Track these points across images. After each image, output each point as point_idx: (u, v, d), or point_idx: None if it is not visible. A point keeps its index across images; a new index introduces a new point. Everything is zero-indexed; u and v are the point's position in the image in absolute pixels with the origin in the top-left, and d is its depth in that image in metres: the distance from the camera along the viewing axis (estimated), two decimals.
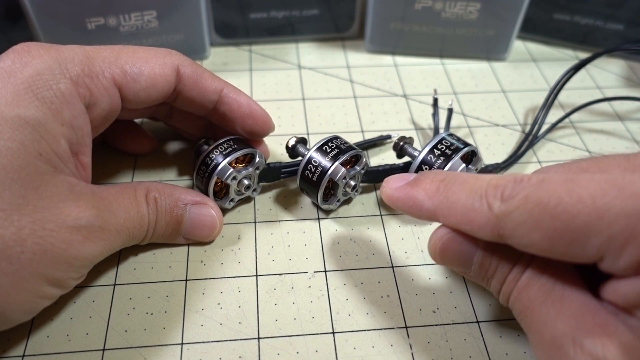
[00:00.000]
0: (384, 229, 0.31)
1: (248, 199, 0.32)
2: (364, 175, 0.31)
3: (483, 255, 0.22)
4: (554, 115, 0.38)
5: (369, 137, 0.36)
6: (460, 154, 0.29)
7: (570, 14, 0.43)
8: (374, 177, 0.32)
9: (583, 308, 0.19)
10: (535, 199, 0.19)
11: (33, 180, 0.22)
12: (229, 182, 0.29)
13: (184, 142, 0.36)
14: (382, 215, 0.32)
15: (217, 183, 0.30)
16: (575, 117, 0.39)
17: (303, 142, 0.31)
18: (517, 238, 0.19)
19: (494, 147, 0.37)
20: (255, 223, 0.31)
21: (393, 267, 0.29)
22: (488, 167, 0.34)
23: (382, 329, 0.26)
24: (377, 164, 0.33)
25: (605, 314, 0.19)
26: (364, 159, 0.30)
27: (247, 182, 0.30)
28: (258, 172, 0.30)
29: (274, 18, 0.43)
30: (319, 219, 0.31)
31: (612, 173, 0.20)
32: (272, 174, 0.31)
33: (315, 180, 0.29)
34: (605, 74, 0.43)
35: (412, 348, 0.26)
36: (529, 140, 0.36)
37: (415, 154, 0.30)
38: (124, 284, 0.28)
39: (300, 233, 0.30)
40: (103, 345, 0.25)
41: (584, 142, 0.37)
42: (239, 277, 0.28)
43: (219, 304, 0.27)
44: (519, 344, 0.26)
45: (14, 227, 0.21)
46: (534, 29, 0.45)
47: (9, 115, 0.21)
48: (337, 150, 0.29)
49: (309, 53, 0.44)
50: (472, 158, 0.31)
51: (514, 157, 0.35)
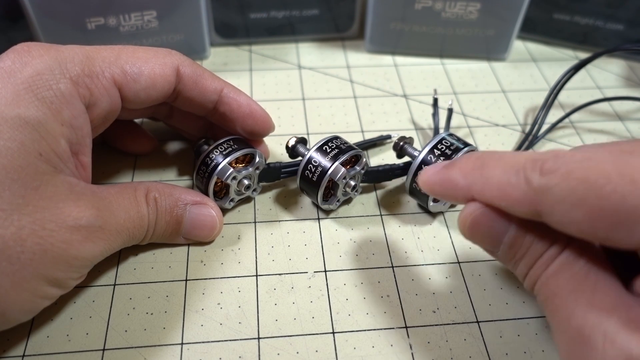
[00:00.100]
0: (384, 229, 0.31)
1: (248, 199, 0.32)
2: (364, 175, 0.31)
3: (514, 236, 0.21)
4: (554, 115, 0.38)
5: (369, 137, 0.36)
6: (460, 154, 0.29)
7: (570, 14, 0.43)
8: (374, 177, 0.32)
9: (617, 301, 0.18)
10: (581, 176, 0.18)
11: (33, 180, 0.22)
12: (229, 182, 0.29)
13: (184, 142, 0.36)
14: (382, 215, 0.32)
15: (217, 183, 0.30)
16: (575, 117, 0.39)
17: (303, 142, 0.31)
18: (556, 215, 0.18)
19: (494, 147, 0.37)
20: (255, 223, 0.31)
21: (393, 267, 0.29)
22: None
23: (382, 329, 0.26)
24: (377, 164, 0.33)
25: None
26: (364, 159, 0.30)
27: (247, 182, 0.30)
28: (258, 172, 0.30)
29: (274, 18, 0.43)
30: (319, 219, 0.31)
31: None
32: (272, 174, 0.31)
33: (315, 180, 0.29)
34: (605, 74, 0.43)
35: (412, 348, 0.26)
36: (529, 140, 0.36)
37: (415, 154, 0.30)
38: (124, 284, 0.28)
39: (300, 233, 0.30)
40: (103, 345, 0.25)
41: (584, 142, 0.37)
42: (239, 277, 0.28)
43: (219, 304, 0.27)
44: (519, 344, 0.26)
45: (14, 227, 0.21)
46: (534, 29, 0.45)
47: (9, 115, 0.21)
48: (337, 150, 0.29)
49: (309, 53, 0.44)
50: None
51: None
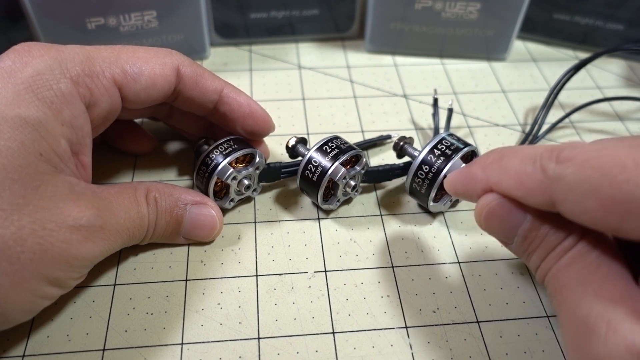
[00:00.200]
0: (384, 229, 0.31)
1: (248, 199, 0.32)
2: (364, 175, 0.31)
3: (529, 227, 0.21)
4: (554, 115, 0.38)
5: (369, 137, 0.36)
6: (461, 154, 0.29)
7: (570, 14, 0.43)
8: (374, 177, 0.32)
9: (624, 292, 0.18)
10: (595, 164, 0.18)
11: (33, 180, 0.22)
12: (229, 182, 0.29)
13: (184, 142, 0.36)
14: (382, 215, 0.32)
15: (217, 183, 0.30)
16: (575, 117, 0.39)
17: (303, 142, 0.31)
18: (569, 204, 0.18)
19: (494, 147, 0.36)
20: (255, 223, 0.31)
21: (393, 267, 0.29)
22: None
23: (382, 329, 0.26)
24: (377, 164, 0.33)
25: None
26: (364, 159, 0.30)
27: (247, 182, 0.30)
28: (258, 172, 0.30)
29: (274, 18, 0.43)
30: (319, 219, 0.31)
31: None
32: (272, 174, 0.31)
33: (315, 180, 0.29)
34: (605, 74, 0.43)
35: (412, 348, 0.26)
36: (529, 140, 0.36)
37: (415, 154, 0.30)
38: (124, 284, 0.28)
39: (300, 233, 0.30)
40: (103, 345, 0.25)
41: (586, 141, 0.37)
42: (239, 277, 0.28)
43: (219, 304, 0.27)
44: (519, 344, 0.26)
45: (14, 227, 0.21)
46: (534, 29, 0.45)
47: (9, 115, 0.21)
48: (337, 150, 0.29)
49: (309, 53, 0.44)
50: (472, 158, 0.31)
51: None
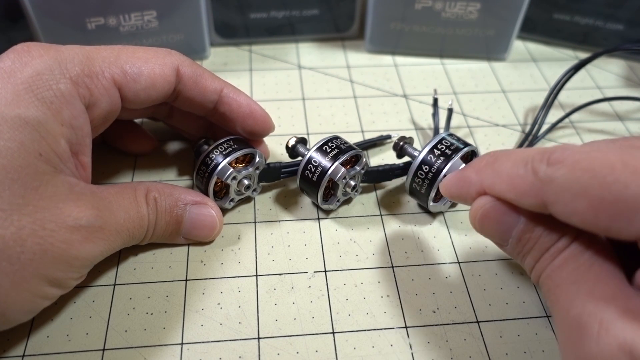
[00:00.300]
0: (384, 229, 0.31)
1: (248, 199, 0.32)
2: (364, 175, 0.31)
3: (523, 229, 0.21)
4: (554, 115, 0.38)
5: (369, 137, 0.36)
6: (460, 154, 0.29)
7: (570, 14, 0.43)
8: (374, 177, 0.32)
9: (616, 292, 0.18)
10: (585, 166, 0.18)
11: (33, 180, 0.22)
12: (229, 182, 0.29)
13: (184, 142, 0.36)
14: (382, 215, 0.32)
15: (217, 183, 0.30)
16: (575, 117, 0.39)
17: (303, 142, 0.31)
18: (560, 205, 0.19)
19: (494, 147, 0.37)
20: (255, 223, 0.31)
21: (393, 267, 0.29)
22: None
23: (382, 329, 0.26)
24: (377, 164, 0.33)
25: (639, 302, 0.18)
26: (364, 159, 0.30)
27: (247, 182, 0.30)
28: (258, 172, 0.30)
29: (274, 18, 0.43)
30: (319, 219, 0.31)
31: None
32: (272, 174, 0.31)
33: (315, 180, 0.29)
34: (605, 74, 0.43)
35: (412, 348, 0.26)
36: (529, 141, 0.36)
37: (415, 154, 0.30)
38: (124, 284, 0.28)
39: (300, 233, 0.30)
40: (103, 345, 0.25)
41: (584, 142, 0.37)
42: (239, 277, 0.28)
43: (219, 304, 0.27)
44: (519, 344, 0.26)
45: (14, 227, 0.21)
46: (534, 29, 0.45)
47: (9, 115, 0.21)
48: (337, 150, 0.29)
49: (309, 53, 0.44)
50: (472, 158, 0.31)
51: None
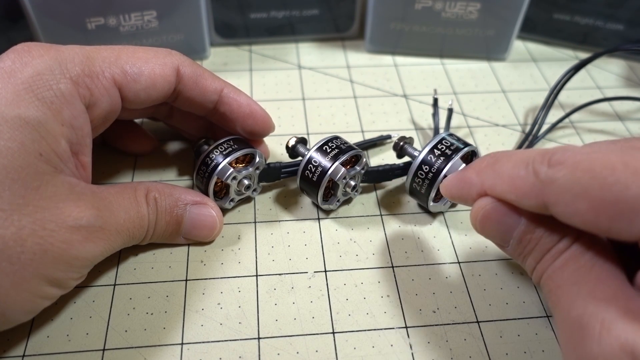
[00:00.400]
0: (384, 229, 0.31)
1: (248, 199, 0.32)
2: (364, 175, 0.31)
3: (524, 230, 0.21)
4: (554, 115, 0.38)
5: (369, 137, 0.36)
6: (461, 154, 0.29)
7: (570, 14, 0.43)
8: (374, 177, 0.32)
9: (617, 292, 0.18)
10: (586, 167, 0.18)
11: (33, 180, 0.22)
12: (229, 182, 0.29)
13: (184, 142, 0.36)
14: (382, 215, 0.32)
15: (217, 183, 0.30)
16: (575, 117, 0.39)
17: (303, 142, 0.31)
18: (561, 206, 0.19)
19: (494, 147, 0.37)
20: (255, 223, 0.31)
21: (393, 267, 0.29)
22: None
23: (382, 329, 0.26)
24: (377, 164, 0.33)
25: None
26: (364, 159, 0.30)
27: (247, 182, 0.30)
28: (258, 172, 0.30)
29: (274, 18, 0.43)
30: (319, 219, 0.31)
31: None
32: (272, 174, 0.31)
33: (315, 180, 0.29)
34: (605, 74, 0.43)
35: (412, 348, 0.26)
36: (529, 141, 0.36)
37: (415, 154, 0.30)
38: (124, 284, 0.28)
39: (300, 233, 0.30)
40: (103, 345, 0.25)
41: (584, 142, 0.37)
42: (239, 277, 0.28)
43: (219, 304, 0.27)
44: (519, 344, 0.26)
45: (14, 227, 0.21)
46: (534, 29, 0.45)
47: (9, 116, 0.21)
48: (337, 150, 0.29)
49: (309, 53, 0.44)
50: (472, 158, 0.31)
51: None
